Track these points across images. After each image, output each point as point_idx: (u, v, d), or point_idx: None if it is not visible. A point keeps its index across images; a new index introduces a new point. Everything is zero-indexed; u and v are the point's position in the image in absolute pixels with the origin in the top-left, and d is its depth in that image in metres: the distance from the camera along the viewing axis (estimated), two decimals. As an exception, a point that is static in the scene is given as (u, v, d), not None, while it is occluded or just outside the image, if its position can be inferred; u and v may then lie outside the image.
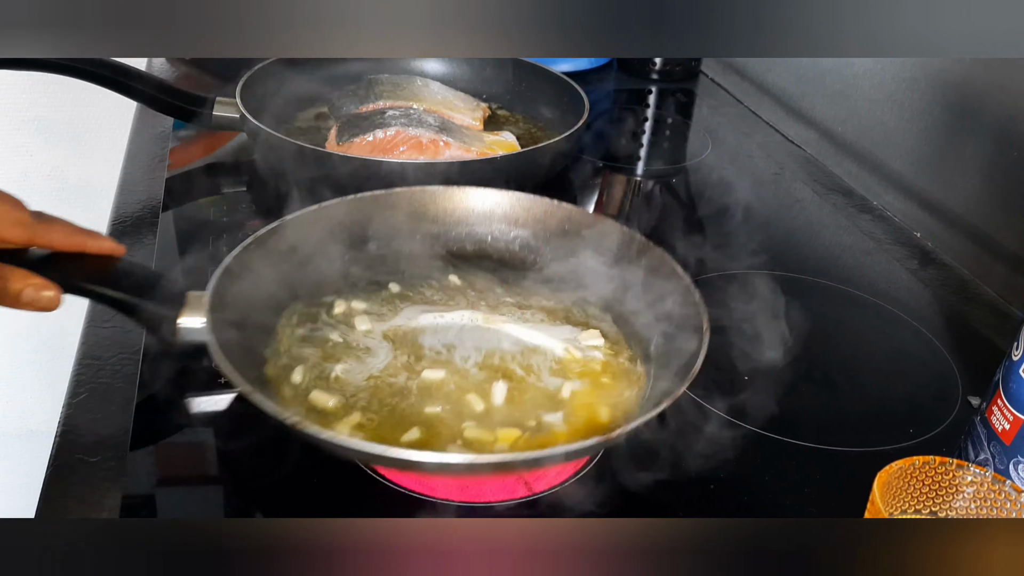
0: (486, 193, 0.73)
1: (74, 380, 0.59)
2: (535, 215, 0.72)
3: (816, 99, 1.06)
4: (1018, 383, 0.49)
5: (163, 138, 0.95)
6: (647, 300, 0.63)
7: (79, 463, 0.53)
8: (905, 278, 0.83)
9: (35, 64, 0.83)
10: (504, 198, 0.73)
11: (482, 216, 0.73)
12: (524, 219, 0.73)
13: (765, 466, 0.58)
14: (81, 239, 0.56)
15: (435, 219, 0.73)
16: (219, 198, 0.86)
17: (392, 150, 0.84)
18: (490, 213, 0.73)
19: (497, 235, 0.73)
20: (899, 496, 0.46)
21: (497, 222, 0.73)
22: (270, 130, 0.83)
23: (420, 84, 1.01)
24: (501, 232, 0.73)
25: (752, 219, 0.92)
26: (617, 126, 1.15)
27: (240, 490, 0.55)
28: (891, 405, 0.66)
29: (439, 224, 0.73)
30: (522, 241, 0.73)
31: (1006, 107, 0.79)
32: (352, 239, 0.69)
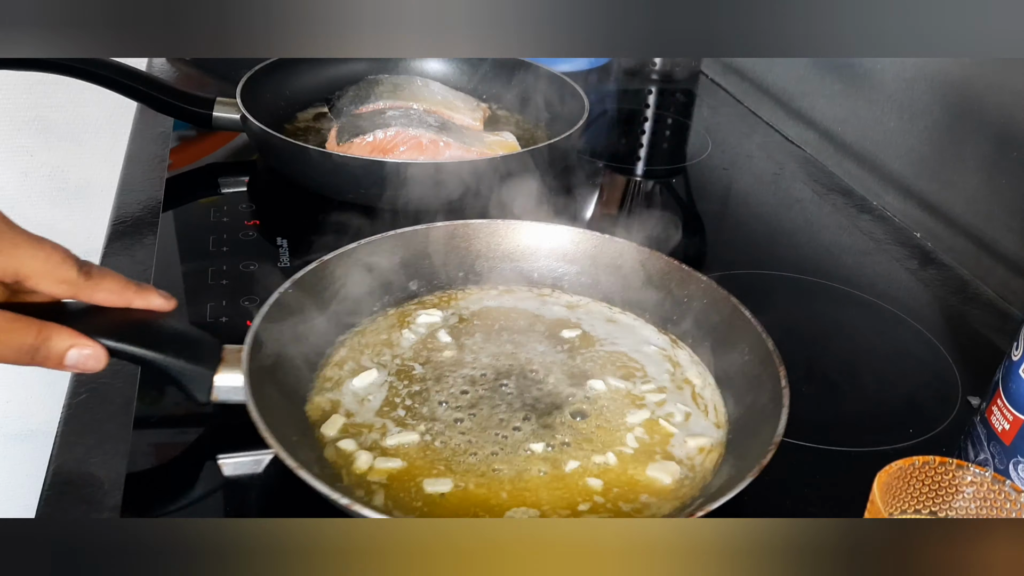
0: (533, 226, 0.70)
1: (74, 380, 0.59)
2: (584, 250, 0.70)
3: (816, 99, 1.06)
4: (1018, 383, 0.49)
5: (163, 138, 0.95)
6: (704, 340, 0.63)
7: (79, 463, 0.53)
8: (905, 278, 0.83)
9: (35, 64, 0.83)
10: (553, 232, 0.70)
11: (528, 251, 0.70)
12: (573, 254, 0.70)
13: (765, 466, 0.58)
14: (128, 296, 0.52)
15: (479, 254, 0.70)
16: (219, 198, 0.86)
17: (392, 150, 0.84)
18: (536, 248, 0.70)
19: (544, 271, 0.70)
20: (899, 496, 0.46)
21: (544, 258, 0.70)
22: (270, 130, 0.83)
23: (420, 84, 1.01)
24: (548, 268, 0.70)
25: (752, 219, 0.92)
26: (617, 126, 1.15)
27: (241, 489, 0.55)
28: (891, 405, 0.66)
29: (483, 259, 0.70)
30: (570, 278, 0.70)
31: (1006, 107, 0.79)
32: (392, 276, 0.67)
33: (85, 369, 0.49)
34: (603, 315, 0.68)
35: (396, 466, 0.53)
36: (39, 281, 0.49)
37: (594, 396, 0.59)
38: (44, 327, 0.48)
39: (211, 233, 0.79)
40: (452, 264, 0.69)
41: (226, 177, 0.91)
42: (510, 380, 0.60)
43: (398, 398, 0.58)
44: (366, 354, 0.62)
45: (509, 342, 0.64)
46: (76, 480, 0.52)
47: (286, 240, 0.78)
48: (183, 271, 0.75)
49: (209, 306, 0.68)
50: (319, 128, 0.97)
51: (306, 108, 1.00)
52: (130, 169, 0.89)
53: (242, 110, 0.86)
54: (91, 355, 0.49)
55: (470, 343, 0.64)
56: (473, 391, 0.59)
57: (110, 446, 0.55)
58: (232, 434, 0.57)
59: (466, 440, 0.55)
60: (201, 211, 0.84)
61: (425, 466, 0.53)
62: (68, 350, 0.48)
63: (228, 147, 0.97)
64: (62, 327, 0.49)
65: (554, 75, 1.02)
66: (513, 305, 0.69)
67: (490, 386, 0.59)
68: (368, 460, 0.53)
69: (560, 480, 0.53)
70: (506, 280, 0.71)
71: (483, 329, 0.65)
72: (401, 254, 0.67)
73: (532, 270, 0.71)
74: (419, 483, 0.52)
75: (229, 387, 0.52)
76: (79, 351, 0.49)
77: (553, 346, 0.64)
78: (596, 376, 0.61)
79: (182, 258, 0.76)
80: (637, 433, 0.56)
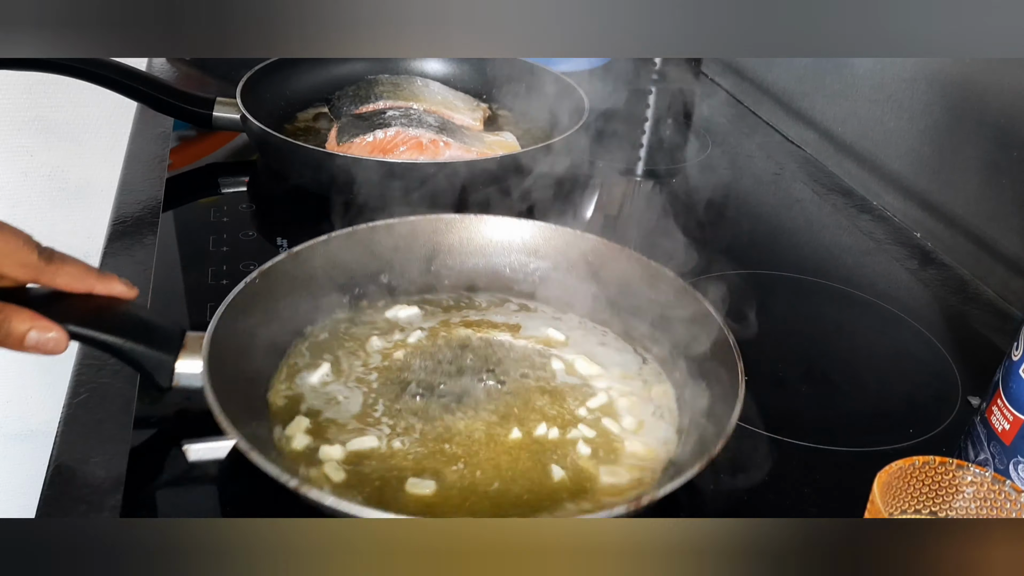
0: (504, 221, 0.70)
1: (74, 380, 0.59)
2: (556, 246, 0.70)
3: (816, 99, 1.06)
4: (1018, 383, 0.49)
5: (163, 138, 0.95)
6: (672, 336, 0.62)
7: (79, 463, 0.53)
8: (905, 278, 0.83)
9: (35, 64, 0.83)
10: (523, 227, 0.70)
11: (500, 247, 0.70)
12: (544, 250, 0.70)
13: (764, 466, 0.58)
14: (90, 282, 0.53)
15: (450, 249, 0.70)
16: (219, 198, 0.86)
17: (392, 150, 0.84)
18: (508, 243, 0.70)
19: (516, 266, 0.70)
20: (899, 496, 0.46)
21: (516, 252, 0.70)
22: (270, 130, 0.83)
23: (420, 84, 1.01)
24: (520, 263, 0.70)
25: (752, 219, 0.92)
26: (617, 126, 1.15)
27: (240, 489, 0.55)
28: (891, 405, 0.66)
29: (454, 255, 0.70)
30: (542, 273, 0.70)
31: (1006, 107, 0.79)
32: (362, 271, 0.67)
33: (45, 351, 0.50)
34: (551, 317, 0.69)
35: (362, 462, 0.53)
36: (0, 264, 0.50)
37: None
38: (4, 308, 0.49)
39: (211, 233, 0.79)
40: (425, 258, 0.70)
41: (226, 177, 0.91)
42: (474, 372, 0.61)
43: (369, 396, 0.58)
44: (331, 347, 0.62)
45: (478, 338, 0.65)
46: (76, 480, 0.52)
47: (286, 240, 0.78)
48: (183, 271, 0.75)
49: (209, 306, 0.68)
50: (319, 128, 0.97)
51: (306, 108, 1.00)
52: (130, 169, 0.89)
53: (242, 110, 0.86)
54: (52, 338, 0.50)
55: (435, 342, 0.64)
56: (439, 387, 0.59)
57: (110, 446, 0.55)
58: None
59: (428, 436, 0.55)
60: (201, 211, 0.84)
61: (393, 461, 0.53)
62: (28, 332, 0.49)
63: (228, 147, 0.97)
64: (22, 308, 0.49)
65: (554, 75, 1.01)
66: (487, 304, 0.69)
67: (452, 378, 0.60)
68: (331, 454, 0.53)
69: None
70: (478, 275, 0.71)
71: (447, 329, 0.66)
72: (373, 248, 0.67)
73: (504, 265, 0.71)
74: (401, 480, 0.52)
75: (190, 373, 0.52)
76: (39, 333, 0.49)
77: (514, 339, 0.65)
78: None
79: (182, 258, 0.76)
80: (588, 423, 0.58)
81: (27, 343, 0.49)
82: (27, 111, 1.33)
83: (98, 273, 0.53)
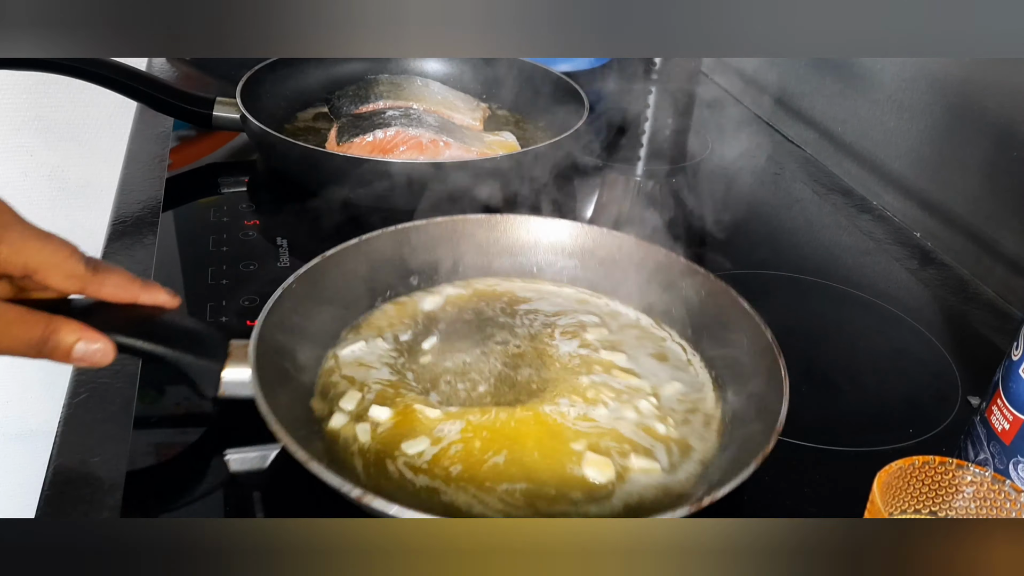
0: (532, 221, 0.71)
1: (74, 380, 0.59)
2: (583, 244, 0.70)
3: (816, 99, 1.06)
4: (1018, 383, 0.49)
5: (163, 138, 0.95)
6: (716, 337, 0.63)
7: (79, 463, 0.53)
8: (905, 278, 0.83)
9: (35, 64, 0.83)
10: (551, 226, 0.71)
11: (527, 246, 0.71)
12: (571, 248, 0.71)
13: (765, 466, 0.58)
14: (134, 291, 0.53)
15: (478, 249, 0.71)
16: (219, 198, 0.86)
17: (392, 150, 0.84)
18: (535, 243, 0.71)
19: (543, 265, 0.71)
20: (899, 496, 0.46)
21: (544, 252, 0.71)
22: (270, 130, 0.83)
23: (420, 84, 1.01)
24: (548, 262, 0.71)
25: (752, 219, 0.92)
26: (617, 127, 1.15)
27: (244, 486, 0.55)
28: (891, 405, 0.66)
29: (482, 255, 0.71)
30: (570, 272, 0.71)
31: (1006, 107, 0.79)
32: (394, 271, 0.68)
33: (92, 363, 0.49)
34: (605, 308, 0.69)
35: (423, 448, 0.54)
36: (47, 275, 0.49)
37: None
38: (52, 320, 0.48)
39: (211, 233, 0.79)
40: (452, 258, 0.70)
41: (226, 177, 0.91)
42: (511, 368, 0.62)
43: (404, 387, 0.58)
44: (369, 344, 0.62)
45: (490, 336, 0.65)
46: (76, 480, 0.52)
47: (286, 240, 0.78)
48: (183, 271, 0.75)
49: (209, 306, 0.68)
50: (319, 128, 0.97)
51: (306, 108, 1.00)
52: (130, 169, 0.89)
53: (242, 110, 0.86)
54: (99, 349, 0.49)
55: (471, 335, 0.64)
56: (480, 374, 0.61)
57: (110, 446, 0.55)
58: (233, 431, 0.57)
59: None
60: (201, 211, 0.84)
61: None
62: (76, 343, 0.49)
63: (228, 147, 0.97)
64: (70, 320, 0.49)
65: (554, 75, 1.02)
66: (512, 294, 0.70)
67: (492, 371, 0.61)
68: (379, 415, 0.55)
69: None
70: (506, 272, 0.71)
71: (474, 312, 0.67)
72: (402, 249, 0.68)
73: (531, 264, 0.71)
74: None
75: (236, 381, 0.52)
76: (87, 344, 0.49)
77: (551, 332, 0.65)
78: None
79: (182, 258, 0.76)
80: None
81: (75, 354, 0.49)
82: (27, 111, 1.33)
83: (142, 282, 0.53)
